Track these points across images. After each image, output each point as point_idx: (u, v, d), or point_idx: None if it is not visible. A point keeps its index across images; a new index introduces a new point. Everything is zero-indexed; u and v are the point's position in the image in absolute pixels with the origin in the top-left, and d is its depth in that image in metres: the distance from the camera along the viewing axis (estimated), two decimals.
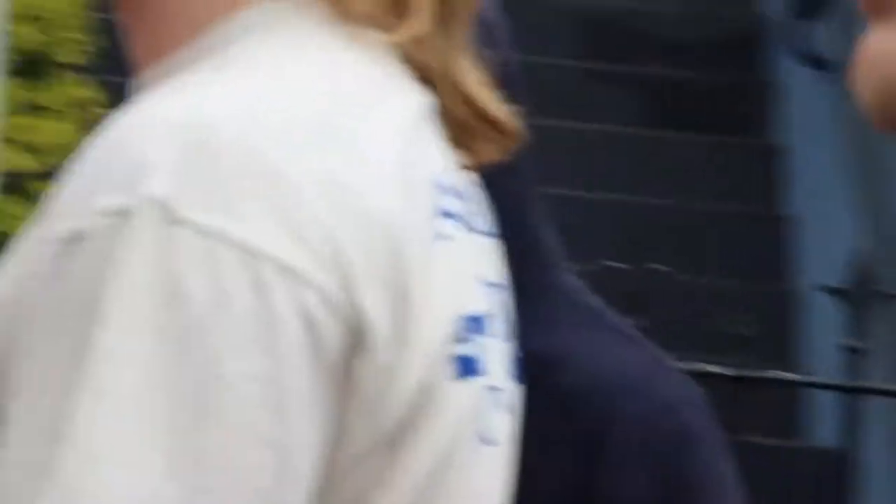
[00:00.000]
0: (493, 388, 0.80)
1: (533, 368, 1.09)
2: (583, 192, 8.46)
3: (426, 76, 0.80)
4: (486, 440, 0.80)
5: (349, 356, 0.69)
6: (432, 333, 0.73)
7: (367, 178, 0.72)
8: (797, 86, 9.32)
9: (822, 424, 7.78)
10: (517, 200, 1.43)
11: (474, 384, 0.77)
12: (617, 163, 8.85)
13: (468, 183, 0.82)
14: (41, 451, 0.66)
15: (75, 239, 0.68)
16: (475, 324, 0.78)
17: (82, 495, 0.64)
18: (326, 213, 0.69)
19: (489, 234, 0.85)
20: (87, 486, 0.64)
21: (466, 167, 0.82)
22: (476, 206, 0.83)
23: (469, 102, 0.81)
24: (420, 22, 0.77)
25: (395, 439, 0.73)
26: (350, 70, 0.77)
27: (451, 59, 0.81)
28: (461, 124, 0.82)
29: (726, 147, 9.29)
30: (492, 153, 0.85)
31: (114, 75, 5.82)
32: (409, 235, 0.73)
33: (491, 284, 0.81)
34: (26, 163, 7.16)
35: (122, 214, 0.67)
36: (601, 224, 8.30)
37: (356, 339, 0.69)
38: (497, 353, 0.81)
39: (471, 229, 0.80)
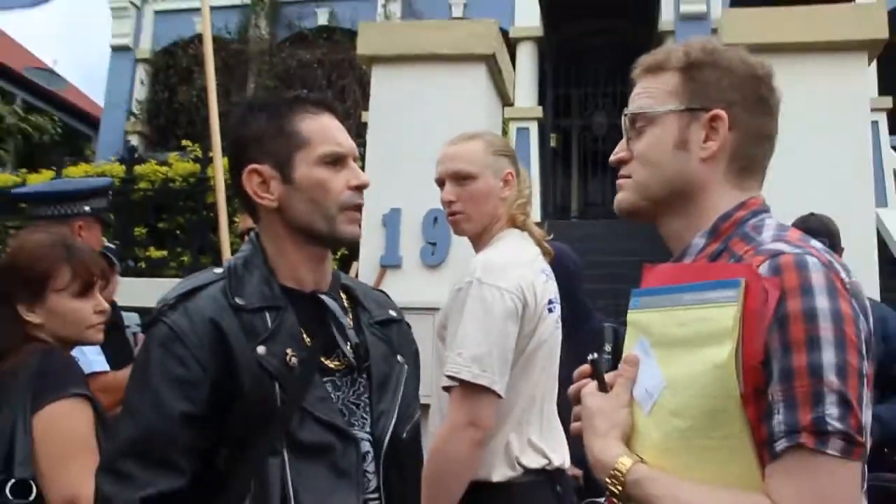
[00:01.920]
0: (557, 318, 2.32)
1: (578, 322, 2.83)
2: None
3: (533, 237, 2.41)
4: (557, 329, 2.33)
5: (523, 310, 2.17)
6: (542, 303, 2.23)
7: (527, 269, 2.25)
8: None
9: None
10: (573, 277, 3.15)
11: (553, 314, 2.29)
12: None
13: (548, 268, 2.35)
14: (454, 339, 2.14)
15: (460, 290, 2.18)
16: (552, 302, 2.28)
17: (464, 343, 2.11)
18: (519, 281, 2.18)
19: (554, 281, 2.36)
20: (461, 341, 2.11)
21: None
22: (550, 275, 2.35)
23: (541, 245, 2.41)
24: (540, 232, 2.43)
25: (533, 330, 2.22)
26: (525, 244, 2.35)
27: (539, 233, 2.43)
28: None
29: None
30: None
31: None
32: (538, 283, 2.24)
33: (555, 294, 2.33)
34: None
35: (468, 283, 2.15)
36: None
37: (525, 306, 2.18)
38: (557, 309, 2.32)
39: (550, 280, 2.33)
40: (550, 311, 2.32)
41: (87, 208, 2.89)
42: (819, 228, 3.29)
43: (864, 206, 3.97)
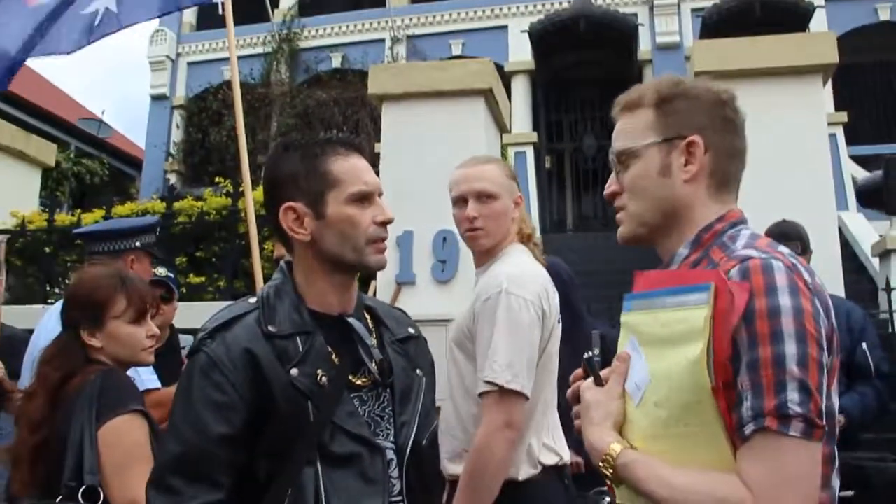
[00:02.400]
0: (560, 329, 2.29)
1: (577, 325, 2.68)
2: None
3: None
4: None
5: (543, 319, 2.16)
6: (555, 314, 2.23)
7: (544, 281, 2.24)
8: None
9: None
10: (566, 286, 2.96)
11: (559, 325, 2.27)
12: None
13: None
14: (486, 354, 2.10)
15: (489, 300, 2.14)
16: (559, 314, 2.27)
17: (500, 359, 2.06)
18: (539, 292, 2.17)
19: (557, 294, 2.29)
20: (500, 358, 2.07)
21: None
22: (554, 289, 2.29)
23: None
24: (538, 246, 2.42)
25: (549, 338, 2.21)
26: (531, 258, 2.32)
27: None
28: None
29: None
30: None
31: None
32: (551, 295, 2.23)
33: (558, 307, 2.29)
34: None
35: (497, 293, 2.13)
36: None
37: (544, 316, 2.17)
38: (560, 320, 2.29)
39: (555, 293, 2.28)
40: (559, 321, 2.31)
41: (137, 243, 2.93)
42: (791, 232, 3.29)
43: (826, 211, 3.97)
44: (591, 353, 1.33)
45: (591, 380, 1.32)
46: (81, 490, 1.80)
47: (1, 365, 3.41)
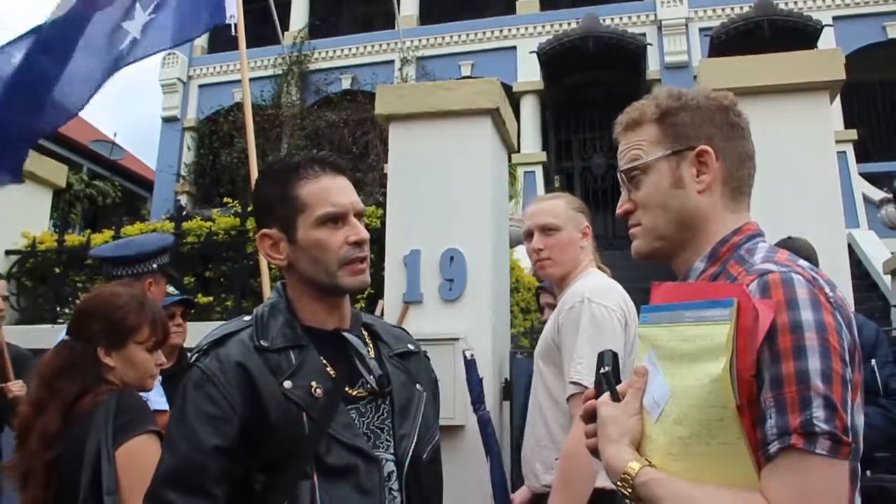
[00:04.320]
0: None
1: None
2: None
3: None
4: None
5: (625, 327, 2.30)
6: (634, 324, 2.28)
7: (623, 293, 2.42)
8: None
9: None
10: None
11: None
12: None
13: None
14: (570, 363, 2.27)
15: (572, 308, 2.36)
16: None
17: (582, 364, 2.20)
18: (619, 302, 2.33)
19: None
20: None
21: None
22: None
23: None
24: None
25: (632, 345, 2.28)
26: (607, 277, 2.52)
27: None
28: None
29: None
30: None
31: None
32: (632, 307, 2.35)
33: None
34: None
35: (580, 302, 2.32)
36: None
37: (626, 325, 2.31)
38: None
39: (633, 306, 2.41)
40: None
41: (155, 265, 2.93)
42: (796, 250, 3.23)
43: (835, 228, 3.95)
44: (606, 369, 1.29)
45: (606, 395, 1.28)
46: None
47: (22, 383, 3.45)
